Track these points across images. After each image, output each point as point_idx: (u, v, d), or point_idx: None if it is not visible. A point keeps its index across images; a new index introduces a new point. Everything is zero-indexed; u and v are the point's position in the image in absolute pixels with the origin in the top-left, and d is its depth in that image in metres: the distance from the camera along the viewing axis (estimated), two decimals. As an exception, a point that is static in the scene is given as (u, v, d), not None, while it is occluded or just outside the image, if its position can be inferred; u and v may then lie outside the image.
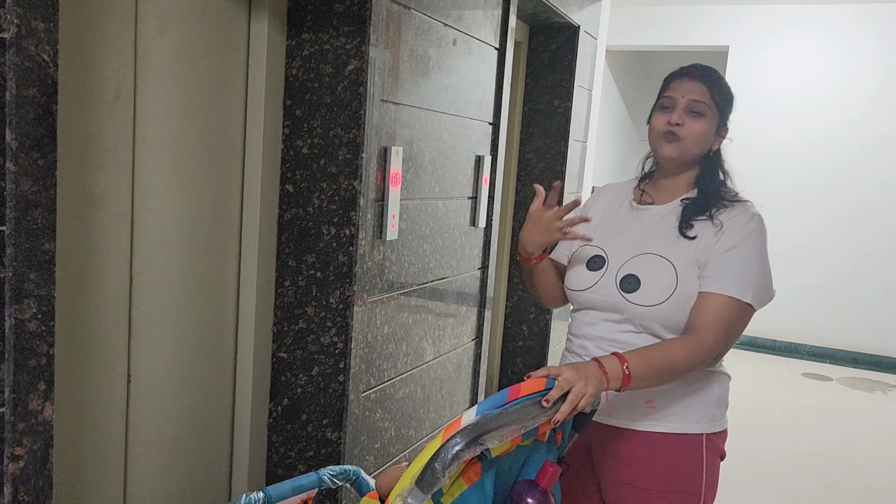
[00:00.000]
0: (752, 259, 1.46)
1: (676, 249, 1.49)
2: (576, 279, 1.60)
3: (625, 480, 1.53)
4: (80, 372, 1.52)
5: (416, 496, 1.10)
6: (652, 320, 1.47)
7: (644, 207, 1.61)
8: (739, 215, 1.49)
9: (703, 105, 1.51)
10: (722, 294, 1.42)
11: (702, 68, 1.56)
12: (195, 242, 1.78)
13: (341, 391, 1.97)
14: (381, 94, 1.93)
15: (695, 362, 1.42)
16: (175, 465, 1.82)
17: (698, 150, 1.53)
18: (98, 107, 1.48)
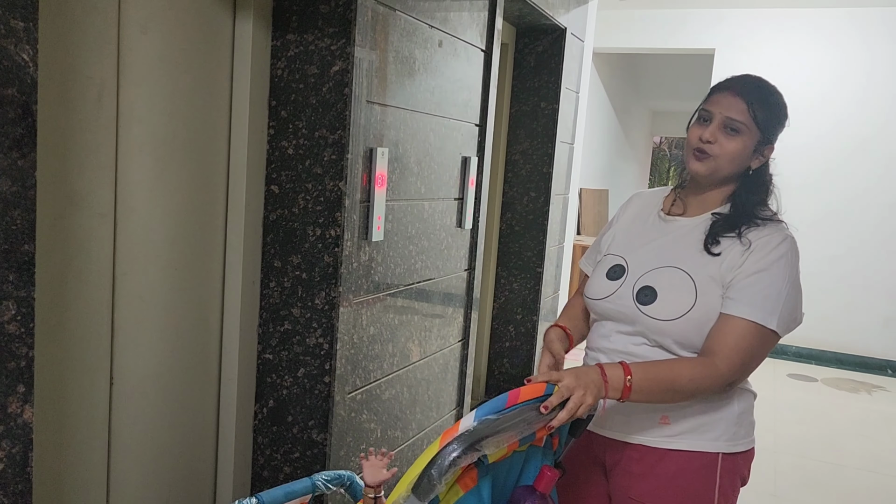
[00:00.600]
0: (781, 284, 1.37)
1: (699, 265, 1.42)
2: (594, 288, 1.55)
3: (634, 496, 1.48)
4: (61, 374, 1.51)
5: (413, 503, 1.09)
6: (666, 336, 1.41)
7: (672, 219, 1.54)
8: (770, 236, 1.41)
9: (741, 124, 1.42)
10: (745, 319, 1.36)
11: (748, 82, 1.47)
12: (179, 243, 1.77)
13: (327, 392, 1.96)
14: (366, 95, 1.93)
15: (702, 387, 1.36)
16: (159, 469, 1.81)
17: (731, 169, 1.46)
18: (80, 107, 1.47)
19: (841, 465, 3.78)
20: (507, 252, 3.69)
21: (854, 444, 4.11)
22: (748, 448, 1.52)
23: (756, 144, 1.45)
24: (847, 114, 5.73)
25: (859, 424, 4.49)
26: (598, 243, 1.68)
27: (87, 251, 1.53)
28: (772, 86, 1.49)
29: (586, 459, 1.58)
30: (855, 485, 3.54)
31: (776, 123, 1.46)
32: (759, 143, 1.45)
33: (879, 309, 5.73)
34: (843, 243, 5.80)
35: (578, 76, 3.89)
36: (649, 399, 1.36)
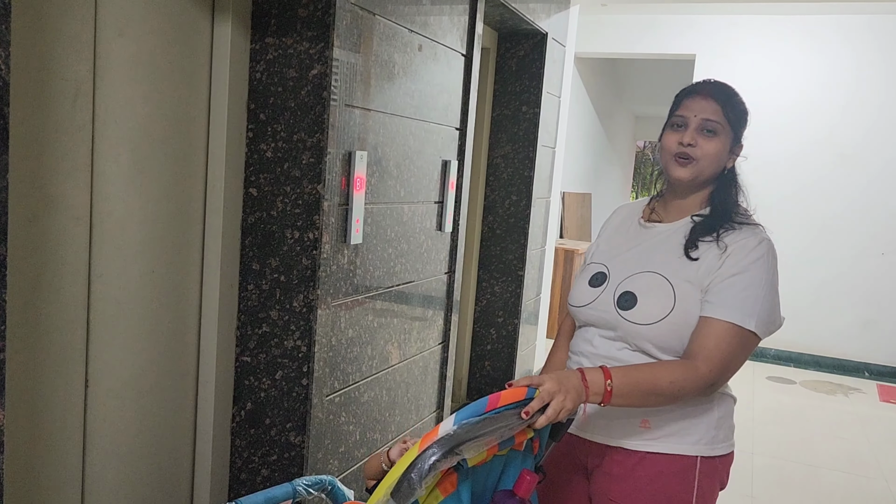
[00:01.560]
0: (758, 286, 1.39)
1: (677, 270, 1.44)
2: (577, 295, 1.57)
3: (614, 498, 1.49)
4: (35, 378, 1.50)
5: None
6: (645, 340, 1.43)
7: (651, 225, 1.57)
8: (746, 239, 1.43)
9: (717, 124, 1.45)
10: (723, 320, 1.37)
11: (715, 85, 1.51)
12: (156, 246, 1.77)
13: (305, 395, 1.97)
14: (345, 98, 1.94)
15: (684, 389, 1.36)
16: (135, 472, 1.80)
17: (712, 170, 1.49)
18: (56, 108, 1.47)
19: (817, 466, 3.83)
20: (488, 255, 3.71)
21: (830, 445, 4.17)
22: (727, 452, 1.53)
23: (730, 144, 1.50)
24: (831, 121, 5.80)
25: (836, 426, 4.55)
26: (586, 255, 1.71)
27: (62, 254, 1.52)
28: (733, 88, 1.55)
29: (568, 463, 1.60)
30: (831, 486, 3.58)
31: (744, 123, 1.52)
32: (733, 141, 1.51)
33: (857, 312, 5.81)
34: (822, 248, 5.87)
35: (560, 80, 3.92)
36: (631, 403, 1.36)
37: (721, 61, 6.05)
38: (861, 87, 5.69)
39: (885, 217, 5.71)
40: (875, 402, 5.11)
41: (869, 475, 3.76)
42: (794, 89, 5.86)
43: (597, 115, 7.73)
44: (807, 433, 4.37)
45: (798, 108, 5.86)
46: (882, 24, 5.59)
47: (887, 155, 5.68)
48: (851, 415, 4.81)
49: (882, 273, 5.73)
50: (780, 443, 4.14)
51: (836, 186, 5.81)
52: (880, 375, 5.75)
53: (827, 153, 5.81)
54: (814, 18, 5.75)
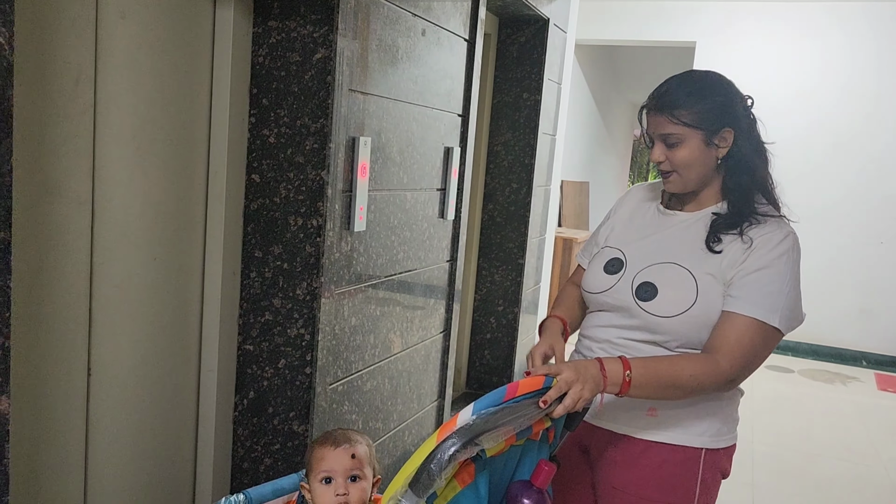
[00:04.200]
0: (783, 281, 1.37)
1: (700, 262, 1.41)
2: (592, 281, 1.54)
3: (617, 486, 1.49)
4: (38, 365, 1.48)
5: (410, 498, 1.07)
6: (665, 332, 1.41)
7: (672, 213, 1.52)
8: (772, 233, 1.40)
9: (674, 135, 1.41)
10: (747, 316, 1.35)
11: (661, 93, 1.43)
12: (158, 232, 1.75)
13: (308, 384, 1.95)
14: (348, 83, 1.91)
15: (704, 384, 1.35)
16: (137, 461, 1.79)
17: (697, 172, 1.43)
18: (57, 92, 1.44)
19: (816, 454, 3.85)
20: (488, 243, 3.69)
21: (829, 434, 4.18)
22: (731, 444, 1.52)
23: (705, 140, 1.41)
24: (827, 108, 5.79)
25: (834, 415, 4.56)
26: (596, 235, 1.67)
27: (64, 240, 1.50)
28: (694, 78, 1.44)
29: (571, 448, 1.59)
30: (829, 474, 3.60)
31: (715, 110, 1.41)
32: (708, 136, 1.41)
33: (855, 301, 5.82)
34: (818, 236, 5.88)
35: (561, 67, 3.89)
36: (649, 395, 1.35)
37: (721, 49, 6.03)
38: (857, 73, 5.68)
39: (881, 204, 5.71)
40: (873, 391, 5.14)
41: (867, 463, 3.77)
42: (793, 76, 5.85)
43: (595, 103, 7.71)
44: (805, 422, 4.38)
45: (795, 94, 5.85)
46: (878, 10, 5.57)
47: (884, 142, 5.67)
48: (849, 403, 4.83)
49: (879, 261, 5.75)
50: (779, 431, 4.15)
51: (833, 173, 5.81)
52: (878, 364, 5.77)
53: (823, 140, 5.81)
54: (812, 5, 5.73)
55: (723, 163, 1.45)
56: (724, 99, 1.41)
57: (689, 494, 1.46)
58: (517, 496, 1.21)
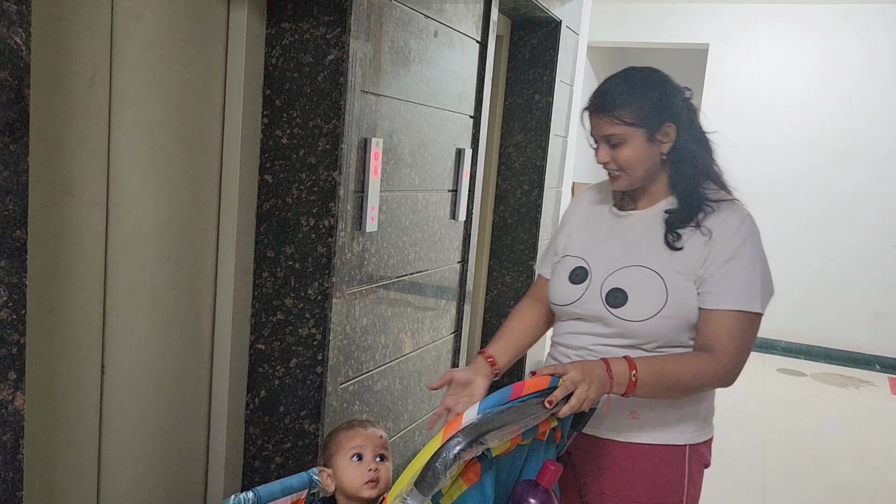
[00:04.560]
0: (753, 266, 1.38)
1: (664, 261, 1.41)
2: (558, 293, 1.52)
3: (607, 491, 1.49)
4: (52, 362, 1.50)
5: (416, 497, 1.07)
6: (642, 336, 1.41)
7: (626, 214, 1.51)
8: (728, 220, 1.40)
9: (615, 136, 1.40)
10: (731, 310, 1.36)
11: (599, 96, 1.43)
12: (172, 232, 1.76)
13: (319, 383, 1.96)
14: (361, 84, 1.92)
15: (706, 382, 1.37)
16: (150, 458, 1.80)
17: (643, 169, 1.43)
18: (72, 93, 1.46)
19: (828, 458, 3.82)
20: (499, 245, 3.69)
21: (841, 438, 4.15)
22: (711, 435, 1.56)
23: (648, 136, 1.40)
24: (839, 110, 5.75)
25: (847, 419, 4.53)
26: (554, 244, 1.63)
27: (78, 239, 1.52)
28: (631, 76, 1.43)
29: None
30: (841, 478, 3.57)
31: (654, 107, 1.40)
32: (649, 133, 1.40)
33: (869, 304, 5.77)
34: (833, 239, 5.84)
35: (573, 69, 3.88)
36: (653, 394, 1.36)
37: (734, 51, 6.00)
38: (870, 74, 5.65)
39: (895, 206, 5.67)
40: (887, 395, 5.09)
41: (880, 467, 3.74)
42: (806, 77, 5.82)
43: (607, 105, 7.68)
44: (818, 426, 4.35)
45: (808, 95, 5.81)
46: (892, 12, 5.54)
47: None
48: (862, 408, 4.79)
49: (894, 264, 5.69)
50: (791, 435, 4.12)
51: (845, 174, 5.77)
52: (892, 368, 5.72)
53: (836, 140, 5.77)
54: (826, 7, 5.70)
55: (667, 157, 1.44)
56: (662, 94, 1.41)
57: (679, 491, 1.48)
58: (523, 495, 1.21)
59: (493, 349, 1.58)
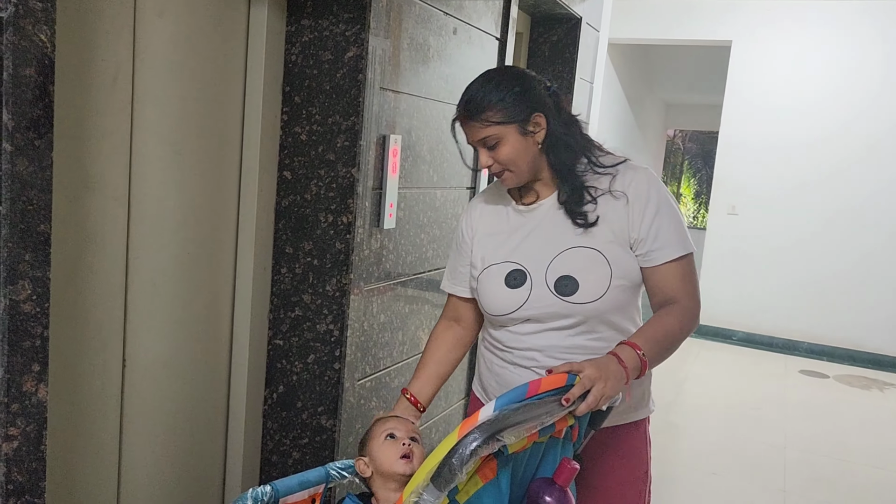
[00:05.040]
0: (672, 212, 1.44)
1: (592, 236, 1.42)
2: (499, 303, 1.46)
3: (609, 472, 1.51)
4: (74, 356, 1.52)
5: (432, 493, 1.07)
6: (603, 312, 1.41)
7: (534, 206, 1.50)
8: (635, 180, 1.43)
9: (489, 137, 1.40)
10: (675, 260, 1.41)
11: (465, 105, 1.42)
12: (192, 228, 1.78)
13: (336, 379, 1.97)
14: (380, 81, 1.93)
15: (687, 328, 1.42)
16: (170, 451, 1.82)
17: (527, 162, 1.43)
18: (96, 90, 1.48)
19: (850, 461, 3.77)
20: (518, 243, 3.68)
21: (864, 441, 4.09)
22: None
23: (520, 130, 1.40)
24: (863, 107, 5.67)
25: (870, 422, 4.46)
26: (466, 260, 1.58)
27: (101, 234, 1.54)
28: (490, 77, 1.43)
29: None
30: (864, 482, 3.52)
31: (518, 101, 1.39)
32: (521, 126, 1.40)
33: (894, 306, 5.69)
34: (857, 239, 5.75)
35: (593, 66, 3.86)
36: (655, 364, 1.39)
37: (758, 47, 5.93)
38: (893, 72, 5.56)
39: (924, 209, 5.57)
40: (911, 398, 5.01)
41: (904, 472, 3.68)
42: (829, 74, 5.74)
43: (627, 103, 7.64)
44: (840, 428, 4.29)
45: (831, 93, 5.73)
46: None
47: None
48: (887, 410, 4.72)
49: (920, 266, 5.60)
50: (812, 438, 4.07)
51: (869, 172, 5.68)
52: (916, 371, 5.63)
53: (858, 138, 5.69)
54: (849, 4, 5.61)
55: (544, 145, 1.44)
56: (522, 88, 1.41)
57: (646, 461, 1.56)
58: (539, 493, 1.20)
59: (414, 387, 1.58)
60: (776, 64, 5.89)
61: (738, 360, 5.70)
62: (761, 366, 5.51)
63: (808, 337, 5.97)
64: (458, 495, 1.14)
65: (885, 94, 5.59)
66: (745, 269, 6.14)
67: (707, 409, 4.50)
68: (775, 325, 6.06)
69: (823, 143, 5.78)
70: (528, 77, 1.45)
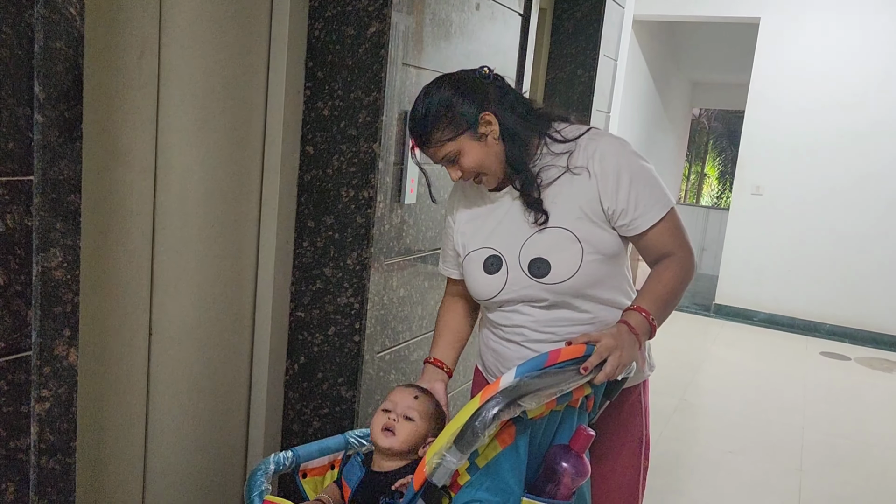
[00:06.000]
0: (646, 171, 1.41)
1: (558, 216, 1.41)
2: (480, 289, 1.50)
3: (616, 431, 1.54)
4: (103, 324, 1.57)
5: (455, 454, 1.12)
6: (579, 289, 1.41)
7: (499, 193, 1.50)
8: (599, 150, 1.40)
9: (450, 153, 1.40)
10: (660, 219, 1.40)
11: (416, 134, 1.42)
12: (216, 200, 1.81)
13: (356, 351, 2.01)
14: (402, 57, 1.93)
15: (687, 278, 1.43)
16: (194, 417, 1.88)
17: (495, 162, 1.42)
18: (123, 64, 1.50)
19: (869, 444, 3.75)
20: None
21: (884, 423, 4.07)
22: None
23: (474, 136, 1.39)
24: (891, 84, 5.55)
25: (891, 404, 4.44)
26: (452, 244, 1.60)
27: (128, 205, 1.57)
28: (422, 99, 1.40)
29: None
30: (883, 464, 3.51)
31: (457, 110, 1.38)
32: (473, 132, 1.39)
33: (919, 289, 5.61)
34: (881, 223, 5.67)
35: (617, 44, 3.82)
36: (662, 322, 1.41)
37: (787, 26, 5.82)
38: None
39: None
40: (934, 382, 4.96)
41: (924, 455, 3.67)
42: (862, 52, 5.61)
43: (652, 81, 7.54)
44: (860, 411, 4.28)
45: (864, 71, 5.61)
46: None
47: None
48: (908, 394, 4.68)
49: (948, 250, 5.51)
50: (832, 419, 4.06)
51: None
52: (940, 355, 5.57)
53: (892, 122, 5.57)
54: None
55: (501, 138, 1.42)
56: (459, 94, 1.39)
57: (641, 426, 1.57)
58: (556, 459, 1.24)
59: (437, 353, 1.61)
60: (805, 41, 5.78)
61: (759, 340, 5.67)
62: (782, 347, 5.48)
63: (830, 319, 5.92)
64: (477, 459, 1.18)
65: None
66: (768, 250, 6.09)
67: (726, 389, 4.50)
68: (797, 306, 6.01)
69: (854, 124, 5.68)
70: (462, 80, 1.42)
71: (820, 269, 5.89)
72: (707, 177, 16.15)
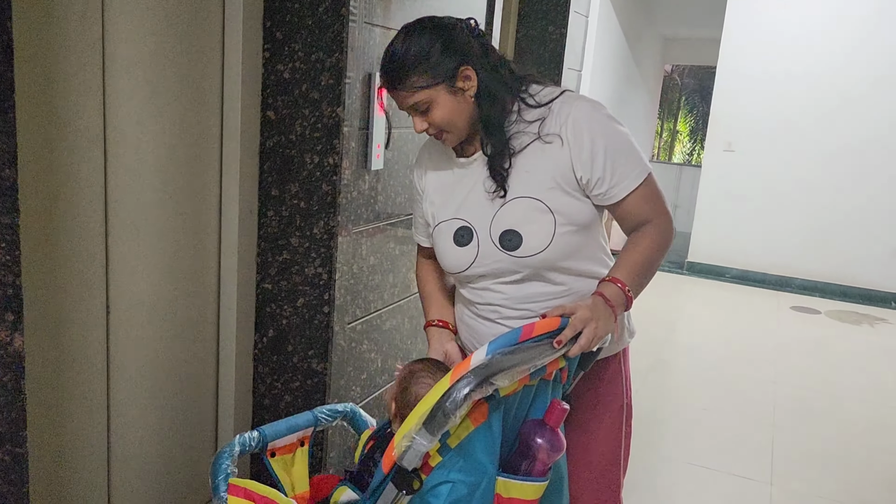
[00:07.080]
0: (622, 140, 1.34)
1: (530, 186, 1.35)
2: (451, 261, 1.44)
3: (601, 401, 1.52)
4: (56, 304, 1.49)
5: (424, 436, 1.08)
6: (553, 261, 1.36)
7: (472, 158, 1.43)
8: (571, 115, 1.33)
9: (420, 102, 1.33)
10: (637, 185, 1.34)
11: (388, 74, 1.34)
12: (173, 170, 1.72)
13: (326, 322, 1.95)
14: (364, 16, 1.84)
15: (666, 245, 1.39)
16: (160, 397, 1.82)
17: (463, 119, 1.36)
18: (62, 25, 1.40)
19: (839, 396, 3.82)
20: (511, 182, 3.63)
21: (854, 376, 4.14)
22: None
23: (449, 89, 1.33)
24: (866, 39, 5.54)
25: (860, 357, 4.51)
26: (422, 213, 1.55)
27: (76, 177, 1.48)
28: (405, 38, 1.32)
29: None
30: (853, 416, 3.58)
31: (440, 58, 1.31)
32: (449, 85, 1.32)
33: (886, 241, 5.69)
34: (850, 176, 5.71)
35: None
36: (639, 292, 1.38)
37: (758, -22, 5.75)
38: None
39: (922, 144, 5.51)
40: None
41: (893, 406, 3.74)
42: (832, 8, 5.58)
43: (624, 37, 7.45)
44: (831, 364, 4.34)
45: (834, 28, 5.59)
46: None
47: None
48: (877, 346, 4.77)
49: (916, 202, 5.58)
50: (803, 373, 4.12)
51: (873, 108, 5.59)
52: (908, 306, 5.68)
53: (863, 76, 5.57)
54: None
55: (477, 98, 1.36)
56: (442, 42, 1.32)
57: (622, 394, 1.55)
58: (530, 434, 1.21)
59: (436, 314, 1.56)
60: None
61: (730, 297, 5.73)
62: (754, 303, 5.54)
63: (800, 273, 5.99)
64: (449, 439, 1.14)
65: (887, 26, 5.45)
66: (740, 207, 6.11)
67: (699, 346, 4.54)
68: (768, 261, 6.07)
69: (824, 79, 5.67)
70: (447, 27, 1.34)
71: (790, 223, 5.94)
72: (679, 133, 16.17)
